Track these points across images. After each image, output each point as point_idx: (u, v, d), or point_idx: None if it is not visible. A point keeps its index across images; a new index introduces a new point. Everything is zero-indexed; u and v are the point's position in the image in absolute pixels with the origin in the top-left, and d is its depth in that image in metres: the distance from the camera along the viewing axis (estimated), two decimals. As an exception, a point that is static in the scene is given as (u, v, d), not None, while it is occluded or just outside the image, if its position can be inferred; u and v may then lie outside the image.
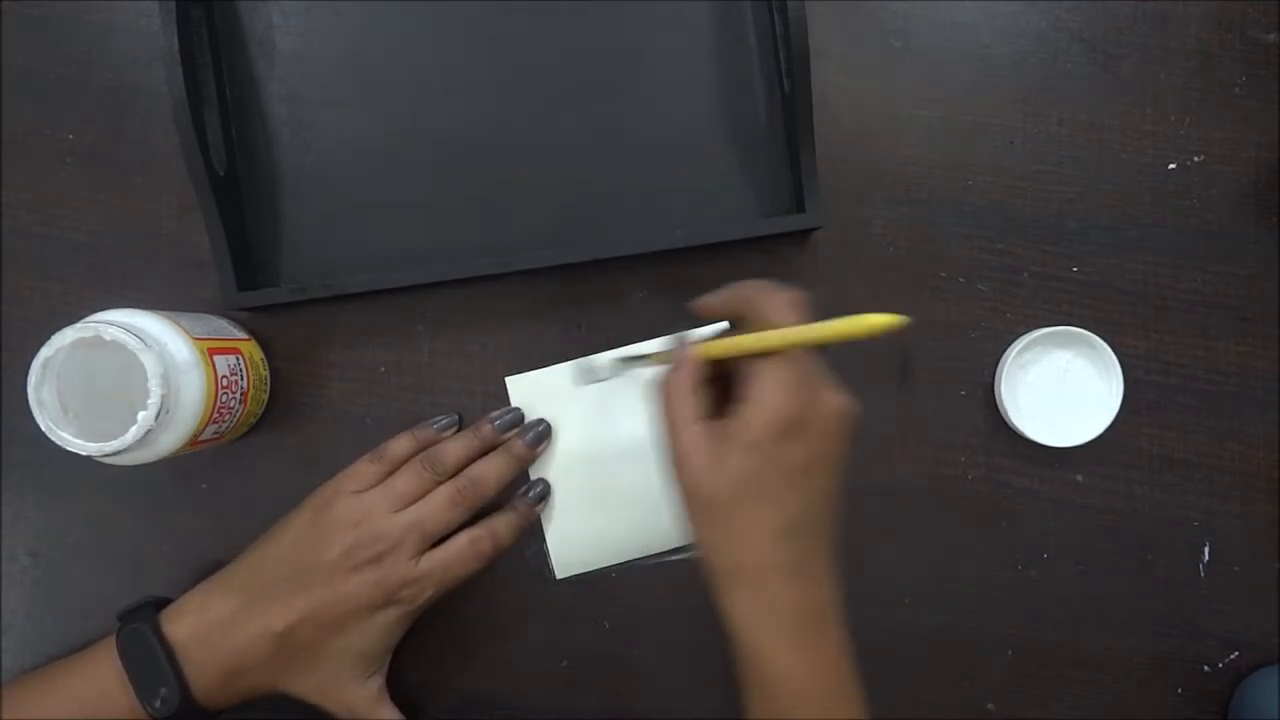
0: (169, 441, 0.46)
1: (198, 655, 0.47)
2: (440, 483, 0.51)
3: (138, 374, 0.43)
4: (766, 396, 0.40)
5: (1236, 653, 0.56)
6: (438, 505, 0.50)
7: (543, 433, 0.54)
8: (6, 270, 0.55)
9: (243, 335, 0.53)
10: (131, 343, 0.43)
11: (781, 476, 0.41)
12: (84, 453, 0.43)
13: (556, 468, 0.55)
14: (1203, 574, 0.56)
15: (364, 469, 0.51)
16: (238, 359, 0.50)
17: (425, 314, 0.55)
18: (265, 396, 0.54)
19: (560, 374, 0.55)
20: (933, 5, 0.56)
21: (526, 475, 0.55)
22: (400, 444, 0.52)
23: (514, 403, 0.55)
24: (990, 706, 0.56)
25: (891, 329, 0.40)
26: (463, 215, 0.55)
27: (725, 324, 0.52)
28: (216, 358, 0.48)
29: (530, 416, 0.54)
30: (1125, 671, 0.56)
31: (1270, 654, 0.55)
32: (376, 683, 0.50)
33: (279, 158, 0.55)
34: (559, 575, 0.55)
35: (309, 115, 0.55)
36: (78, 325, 0.43)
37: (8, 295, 0.55)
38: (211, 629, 0.47)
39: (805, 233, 0.54)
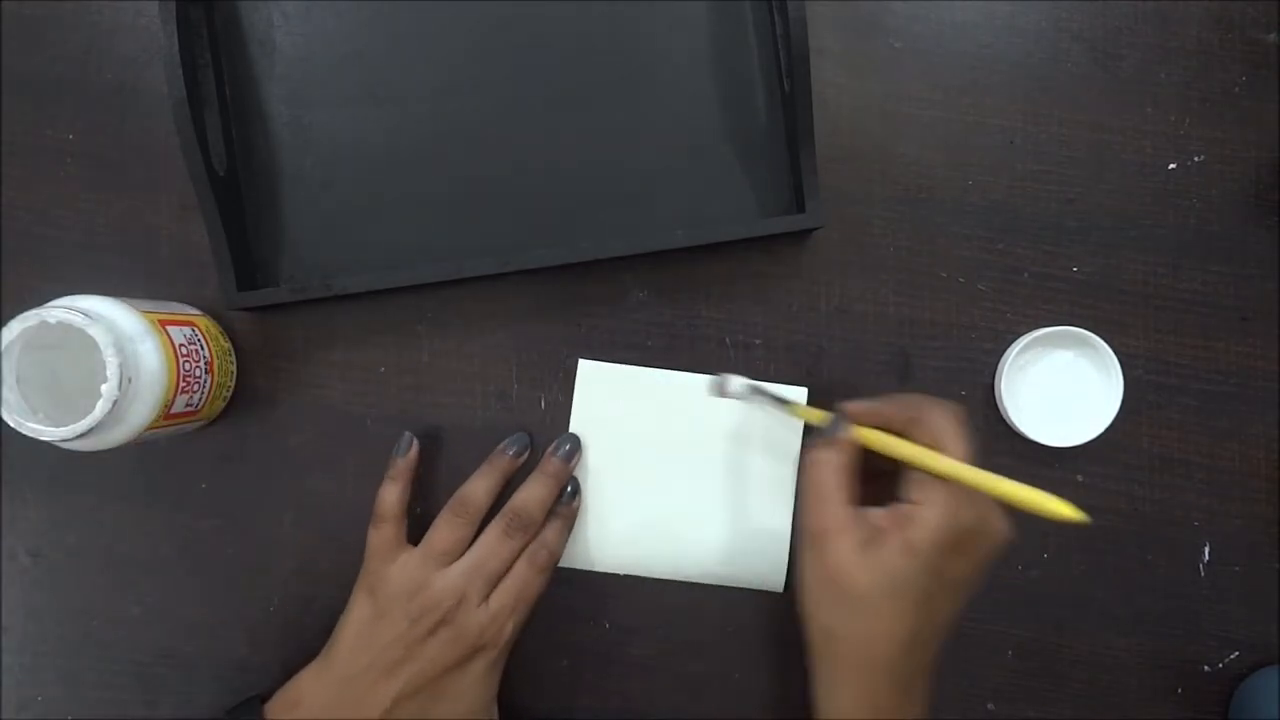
0: (141, 413, 0.46)
1: None
2: (472, 524, 0.51)
3: (99, 365, 0.43)
4: (943, 505, 0.41)
5: (1236, 653, 0.56)
6: (492, 544, 0.50)
7: (574, 448, 0.54)
8: (6, 270, 0.55)
9: (195, 312, 0.53)
10: (77, 320, 0.43)
11: (934, 586, 0.42)
12: (58, 438, 0.43)
13: (594, 462, 0.55)
14: (1203, 574, 0.56)
15: (383, 536, 0.50)
16: (193, 330, 0.50)
17: (425, 314, 0.55)
18: (233, 368, 0.54)
19: (631, 375, 0.55)
20: (933, 5, 0.56)
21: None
22: (391, 494, 0.51)
23: (580, 386, 0.54)
24: (990, 706, 0.56)
25: (1069, 522, 0.40)
26: (463, 215, 0.55)
27: (803, 391, 0.55)
28: (170, 328, 0.48)
29: (591, 407, 0.55)
30: (1125, 671, 0.56)
31: (1270, 654, 0.55)
32: None
33: (279, 158, 0.55)
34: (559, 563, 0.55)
35: (309, 115, 0.55)
36: (20, 316, 0.43)
37: (8, 295, 0.55)
38: None
39: (805, 233, 0.54)
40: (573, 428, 0.55)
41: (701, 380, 0.55)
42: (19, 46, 0.55)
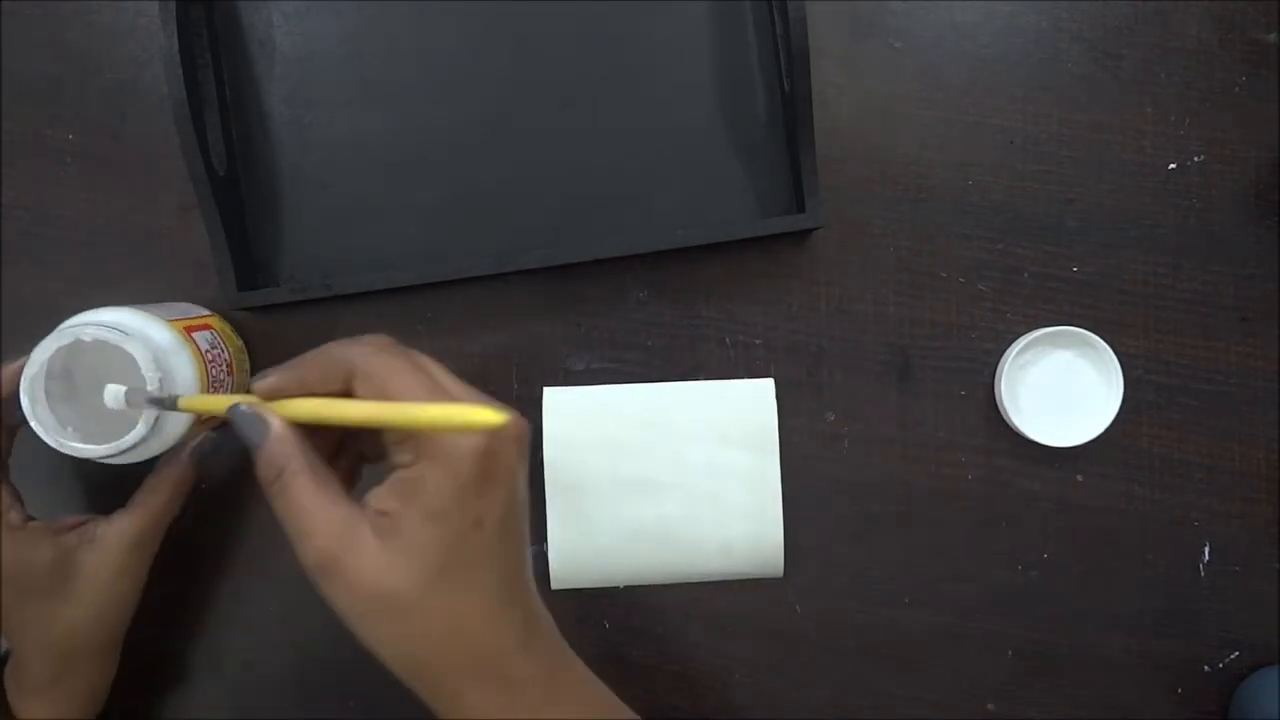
0: (178, 424, 0.46)
1: None
2: None
3: (118, 373, 0.43)
4: (440, 453, 0.34)
5: (1236, 653, 0.56)
6: None
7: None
8: (6, 270, 0.55)
9: (206, 313, 0.53)
10: (113, 337, 0.43)
11: (480, 539, 0.34)
12: (99, 456, 0.43)
13: (578, 483, 0.54)
14: (1203, 574, 0.56)
15: None
16: (213, 334, 0.50)
17: (425, 314, 0.55)
18: (247, 366, 0.54)
19: (599, 394, 0.55)
20: (933, 5, 0.56)
21: None
22: None
23: (547, 414, 0.54)
24: (990, 706, 0.56)
25: (491, 428, 0.32)
26: (463, 215, 0.55)
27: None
28: (195, 334, 0.48)
29: (564, 432, 0.54)
30: (1125, 671, 0.56)
31: (1270, 654, 0.55)
32: None
33: (279, 158, 0.55)
34: (554, 586, 0.55)
35: (309, 115, 0.55)
36: (54, 335, 0.43)
37: (8, 295, 0.55)
38: None
39: (805, 233, 0.54)
40: (546, 454, 0.54)
41: (670, 388, 0.55)
42: (19, 46, 0.55)
